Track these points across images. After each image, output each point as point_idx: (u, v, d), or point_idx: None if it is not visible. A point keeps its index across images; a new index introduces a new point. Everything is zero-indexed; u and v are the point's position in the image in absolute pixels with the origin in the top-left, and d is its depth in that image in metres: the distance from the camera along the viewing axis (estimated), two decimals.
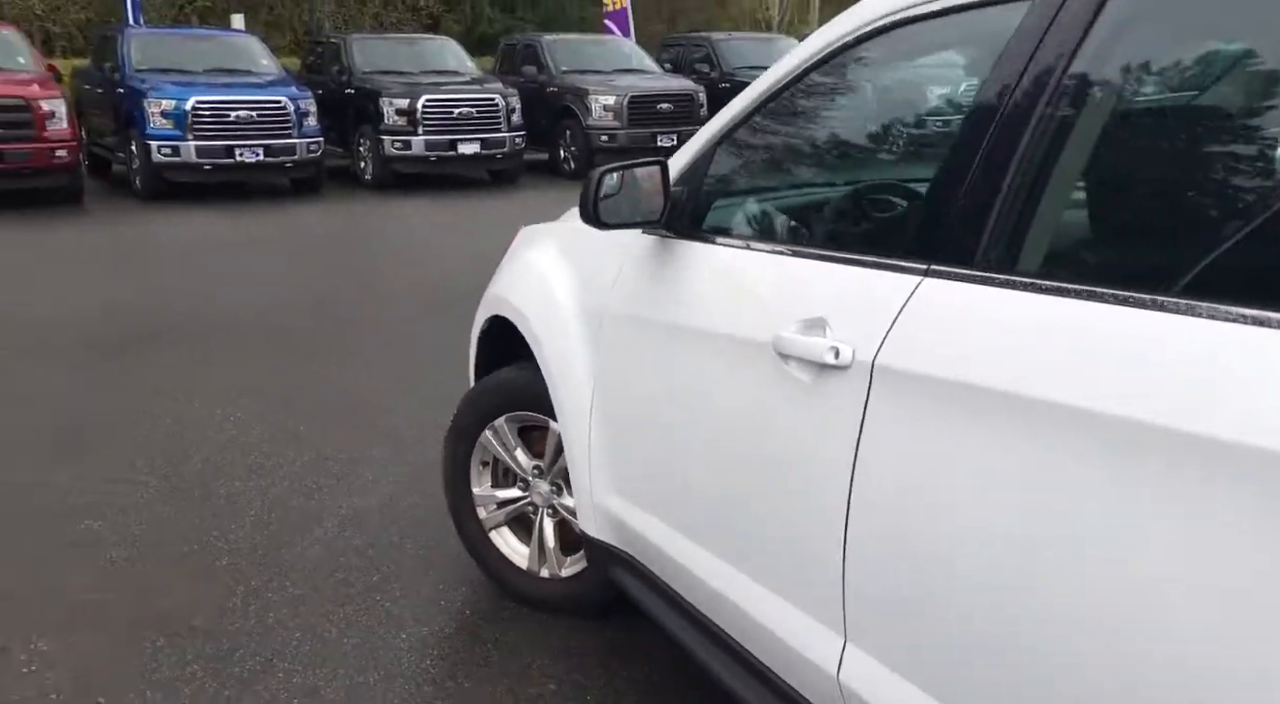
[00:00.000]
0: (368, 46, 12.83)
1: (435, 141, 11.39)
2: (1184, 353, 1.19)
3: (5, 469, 3.77)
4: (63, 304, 6.34)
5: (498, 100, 11.77)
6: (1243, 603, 1.09)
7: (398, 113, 11.29)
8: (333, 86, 12.25)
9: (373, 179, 11.71)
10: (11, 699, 2.42)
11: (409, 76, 12.04)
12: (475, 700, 2.47)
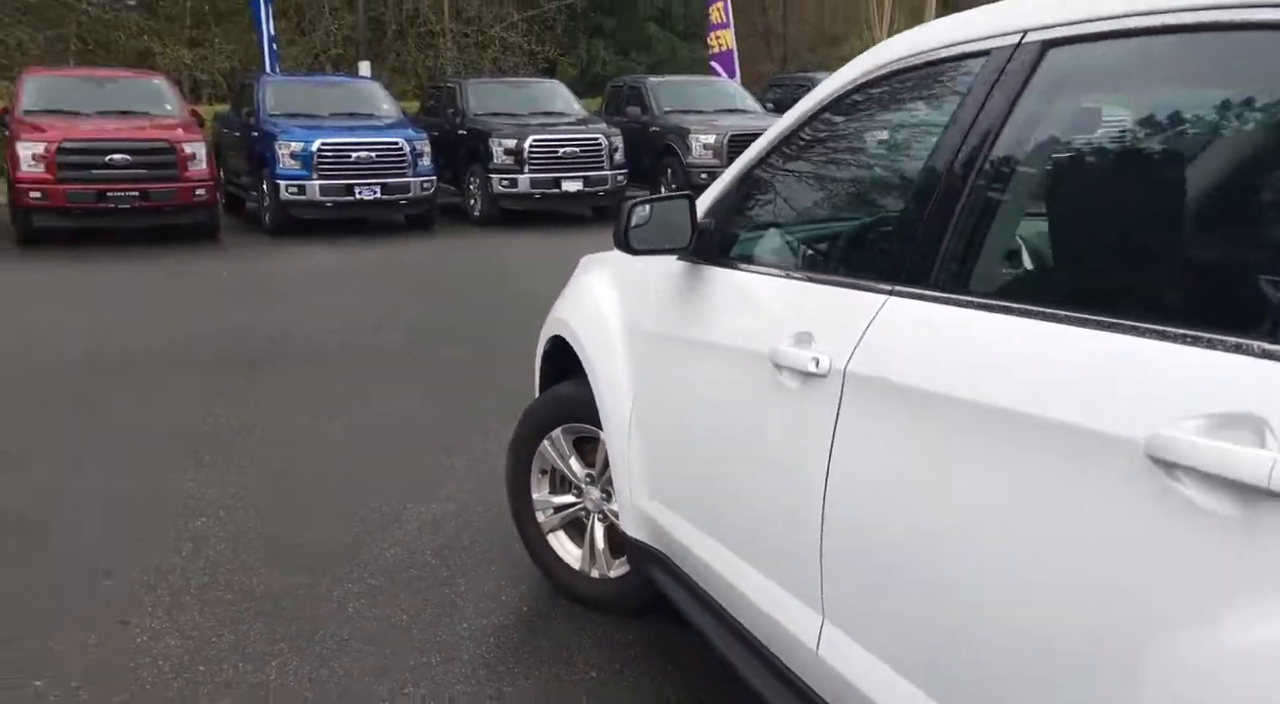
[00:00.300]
0: (481, 89, 13.48)
1: (540, 179, 11.89)
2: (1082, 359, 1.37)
3: (138, 470, 4.22)
4: (196, 328, 6.93)
5: (601, 140, 12.22)
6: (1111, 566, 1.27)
7: (506, 152, 11.83)
8: (447, 128, 12.91)
9: (481, 215, 12.28)
10: (128, 664, 2.78)
11: (518, 118, 12.61)
12: (523, 682, 2.73)
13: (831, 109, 2.16)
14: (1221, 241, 1.41)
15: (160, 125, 10.73)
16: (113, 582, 3.25)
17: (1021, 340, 1.48)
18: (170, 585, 3.23)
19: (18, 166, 9.91)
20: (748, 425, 2.12)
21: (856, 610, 1.79)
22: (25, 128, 10.13)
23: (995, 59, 1.70)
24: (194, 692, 2.65)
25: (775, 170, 2.33)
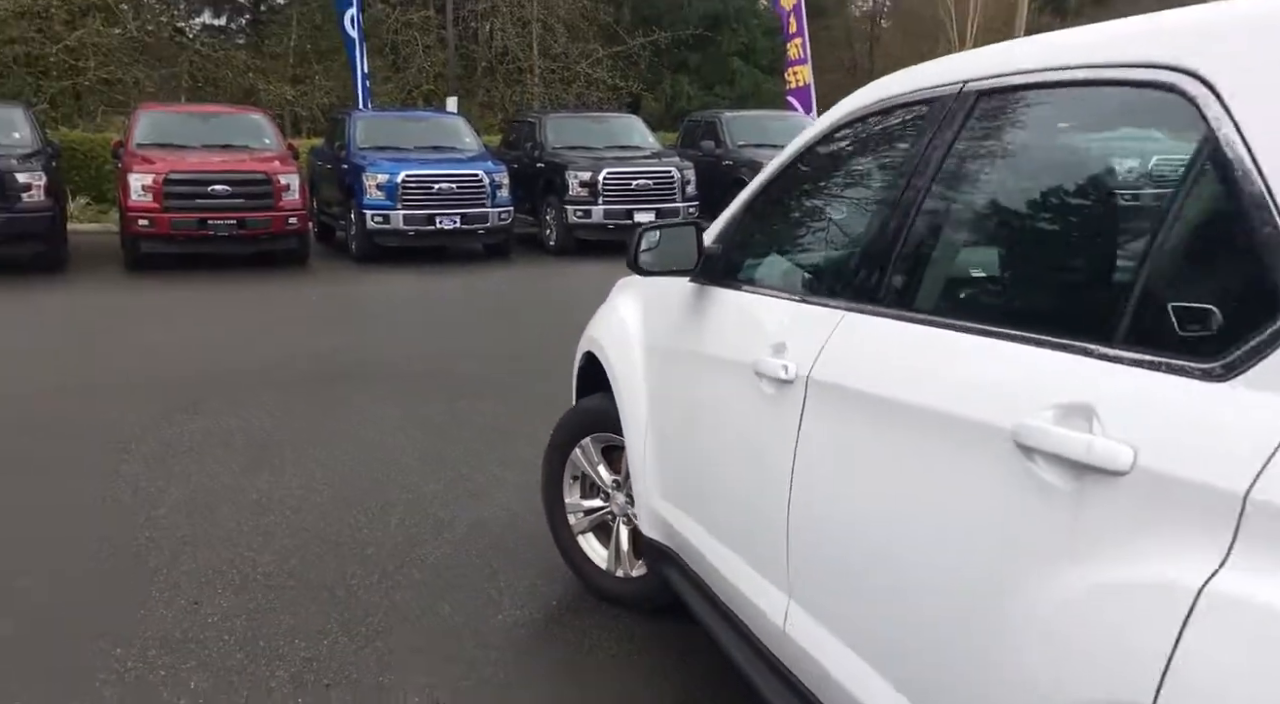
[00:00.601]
0: (559, 124, 13.97)
1: (613, 210, 12.26)
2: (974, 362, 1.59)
3: (218, 472, 4.61)
4: (283, 348, 7.41)
5: (673, 172, 12.56)
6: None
7: (581, 184, 12.25)
8: (526, 161, 13.40)
9: (556, 245, 12.70)
10: (198, 637, 3.12)
11: (594, 151, 13.04)
12: (545, 665, 2.99)
13: (817, 147, 2.41)
14: (1074, 266, 1.64)
15: (258, 158, 11.40)
16: (192, 566, 3.61)
17: (931, 347, 1.71)
18: (240, 572, 3.58)
19: (128, 196, 10.66)
20: (735, 427, 2.36)
21: (812, 588, 2.01)
22: (136, 160, 10.88)
23: (941, 105, 1.93)
24: (253, 662, 2.97)
25: (771, 200, 2.58)
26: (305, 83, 25.58)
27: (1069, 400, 1.38)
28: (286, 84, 25.02)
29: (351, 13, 16.28)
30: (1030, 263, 1.72)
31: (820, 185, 2.53)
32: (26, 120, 11.37)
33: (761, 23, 31.40)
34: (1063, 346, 1.45)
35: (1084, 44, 1.61)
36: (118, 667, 2.94)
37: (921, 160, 1.93)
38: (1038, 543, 1.38)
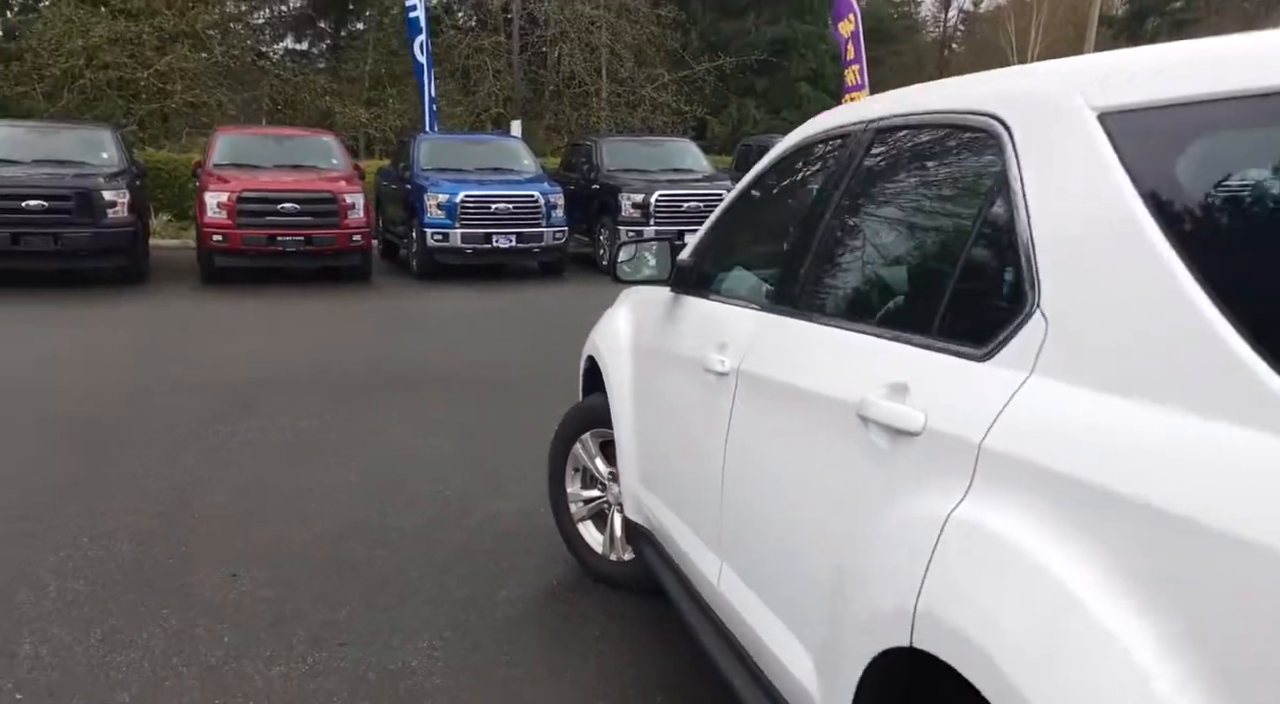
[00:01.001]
0: (615, 147, 14.42)
1: (664, 232, 12.62)
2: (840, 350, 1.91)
3: (266, 464, 5.05)
4: (341, 356, 7.89)
5: (723, 195, 12.85)
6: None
7: (634, 206, 12.64)
8: (583, 182, 13.85)
9: (609, 263, 13.07)
10: (235, 602, 3.51)
11: (648, 174, 13.43)
12: (538, 637, 3.31)
13: (767, 174, 2.74)
14: (911, 272, 1.95)
15: (326, 178, 12.02)
16: (235, 544, 4.02)
17: (815, 341, 2.03)
18: (276, 550, 3.98)
19: (204, 213, 11.33)
20: (689, 416, 2.68)
21: (734, 548, 2.32)
22: (212, 179, 11.56)
23: (853, 138, 2.24)
24: (279, 623, 3.36)
25: (731, 219, 2.91)
26: (379, 106, 26.48)
27: (894, 380, 1.69)
28: (361, 107, 25.91)
29: (421, 39, 16.95)
30: (880, 270, 2.06)
31: (765, 206, 2.85)
32: (114, 141, 12.15)
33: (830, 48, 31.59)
34: (897, 338, 1.79)
35: (943, 94, 1.94)
36: (164, 624, 3.34)
37: (832, 185, 2.24)
38: (870, 493, 1.69)
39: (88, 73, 21.71)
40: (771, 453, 2.11)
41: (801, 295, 2.22)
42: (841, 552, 1.76)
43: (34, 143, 11.82)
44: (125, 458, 5.14)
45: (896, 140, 2.08)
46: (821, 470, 1.88)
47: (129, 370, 7.27)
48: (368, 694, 2.94)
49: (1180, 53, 1.46)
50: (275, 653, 3.17)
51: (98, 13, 22.10)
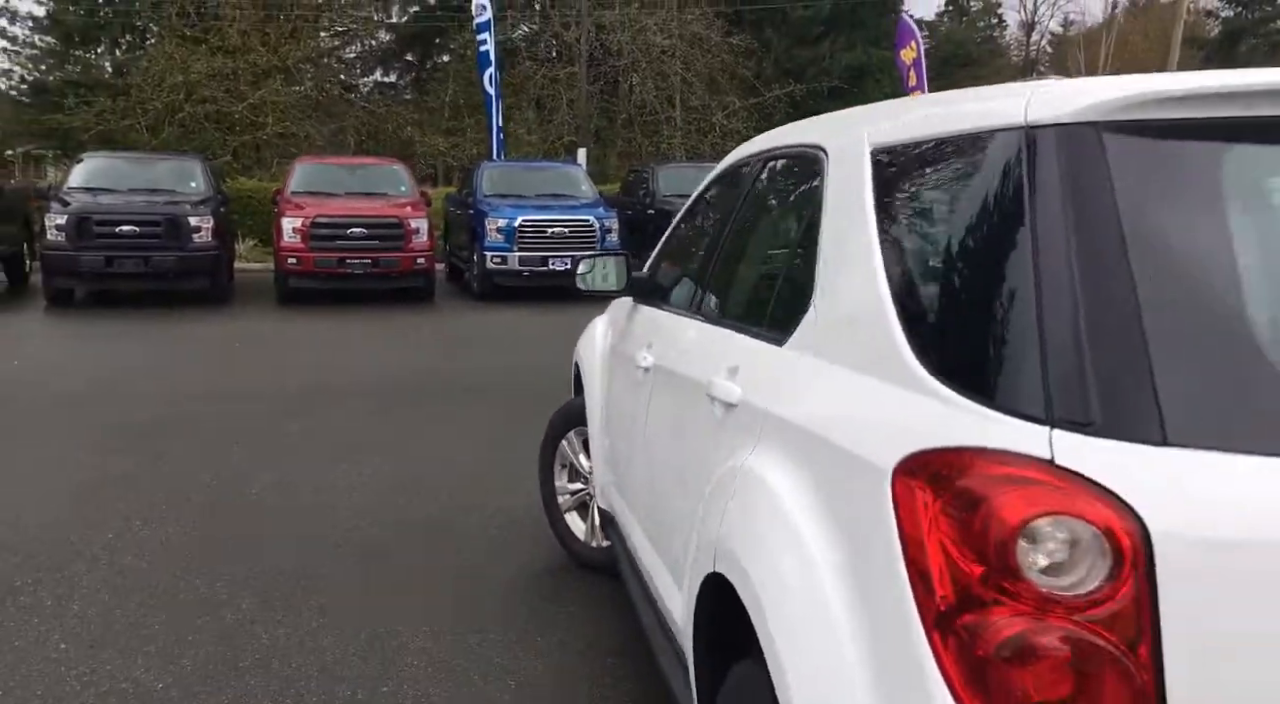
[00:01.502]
0: (670, 173, 14.86)
1: None
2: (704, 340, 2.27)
3: (304, 462, 5.55)
4: (394, 369, 8.44)
5: None
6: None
7: None
8: (639, 207, 14.31)
9: None
10: (257, 576, 3.97)
11: None
12: (520, 610, 3.70)
13: (701, 195, 3.11)
14: (753, 276, 2.29)
15: (393, 204, 12.70)
16: (265, 530, 4.51)
17: (695, 335, 2.40)
18: (301, 535, 4.45)
19: (281, 238, 12.08)
20: (628, 407, 3.06)
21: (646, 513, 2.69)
22: (289, 206, 12.32)
23: (754, 167, 2.61)
24: (293, 594, 3.81)
25: (674, 235, 3.29)
26: (458, 135, 27.42)
27: (731, 364, 2.05)
28: (441, 136, 26.88)
29: (490, 71, 17.70)
30: (742, 275, 2.42)
31: (694, 224, 3.21)
32: (202, 171, 13.03)
33: None
34: (744, 331, 2.16)
35: (799, 129, 2.30)
36: (195, 592, 3.82)
37: (731, 204, 2.61)
38: (712, 455, 2.05)
39: (187, 106, 23.06)
40: (665, 428, 2.48)
41: (697, 299, 2.60)
42: (696, 503, 2.12)
43: (130, 172, 12.75)
44: (182, 454, 5.69)
45: (771, 167, 2.45)
46: (689, 440, 2.24)
47: (198, 380, 7.91)
48: (356, 651, 3.36)
49: (920, 106, 1.81)
50: (285, 617, 3.62)
51: (197, 50, 23.46)
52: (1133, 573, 1.18)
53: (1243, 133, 1.39)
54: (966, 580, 1.25)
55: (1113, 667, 1.18)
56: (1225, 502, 1.20)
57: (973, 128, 1.54)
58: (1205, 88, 1.37)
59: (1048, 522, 1.21)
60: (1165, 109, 1.38)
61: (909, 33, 18.53)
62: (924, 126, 1.68)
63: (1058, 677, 1.19)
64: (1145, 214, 1.33)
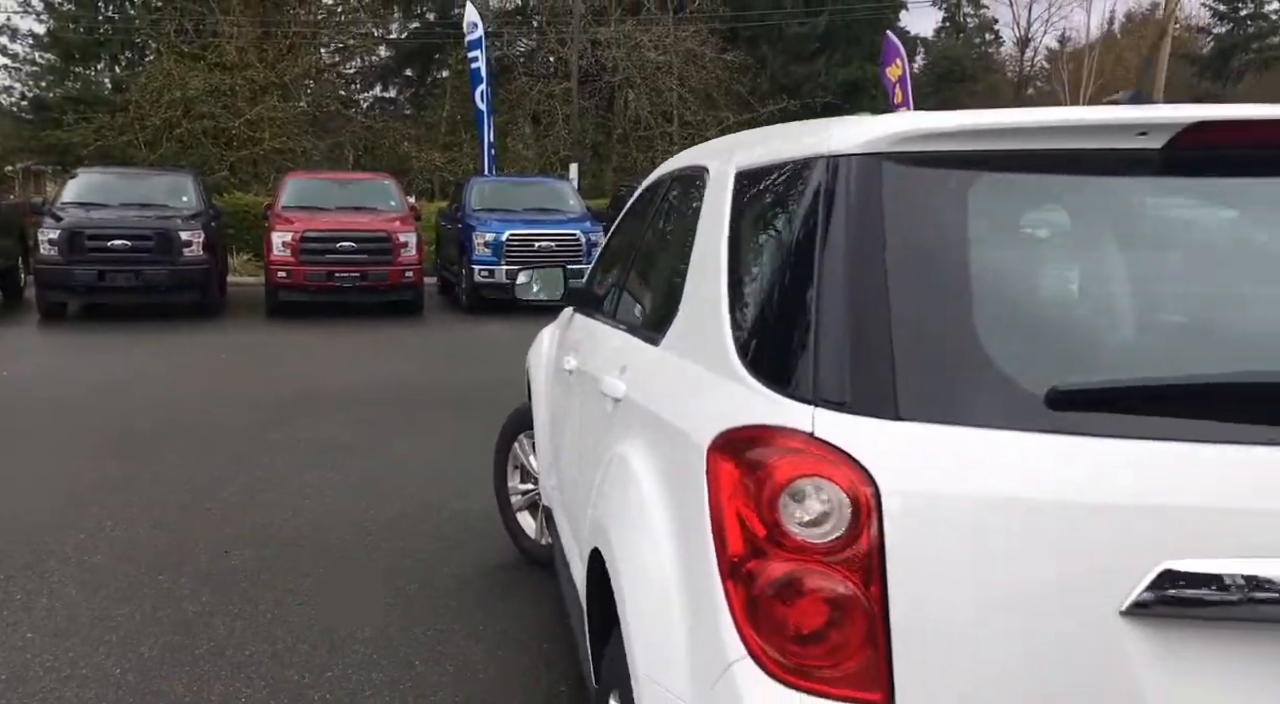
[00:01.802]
0: None
1: None
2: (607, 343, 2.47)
3: (279, 467, 5.74)
4: (374, 379, 8.63)
5: None
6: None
7: None
8: None
9: None
10: (220, 572, 4.15)
11: None
12: (470, 602, 3.88)
13: (631, 207, 3.31)
14: (644, 283, 2.49)
15: (382, 219, 12.92)
16: (233, 529, 4.69)
17: (602, 337, 2.60)
18: (266, 534, 4.63)
19: (271, 251, 12.30)
20: (558, 409, 3.25)
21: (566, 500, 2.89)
22: (279, 220, 12.55)
23: (663, 185, 2.81)
24: (252, 589, 3.99)
25: (607, 247, 3.49)
26: (455, 150, 27.69)
27: (622, 363, 2.25)
28: (437, 151, 27.15)
29: (482, 88, 17.97)
30: (639, 283, 2.62)
31: (617, 238, 3.42)
32: (193, 186, 13.26)
33: None
34: (636, 333, 2.36)
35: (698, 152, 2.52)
36: (158, 587, 4.01)
37: (643, 217, 2.81)
38: (603, 444, 2.25)
39: (185, 122, 23.32)
40: (579, 425, 2.67)
41: (613, 306, 2.80)
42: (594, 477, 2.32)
43: (122, 187, 12.98)
44: (161, 460, 5.88)
45: (672, 186, 2.65)
46: (591, 434, 2.44)
47: (184, 390, 8.11)
48: (308, 640, 3.55)
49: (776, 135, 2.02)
50: (243, 610, 3.80)
51: (195, 66, 23.74)
52: (867, 524, 1.42)
53: (988, 162, 1.63)
54: (750, 534, 1.50)
55: (852, 602, 1.43)
56: (941, 464, 1.44)
57: (798, 156, 1.78)
58: (962, 125, 1.60)
59: (807, 483, 1.46)
60: (929, 142, 1.61)
61: (894, 50, 18.78)
62: (772, 153, 1.89)
63: (813, 610, 1.44)
64: (905, 233, 1.56)
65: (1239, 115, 1.58)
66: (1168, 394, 1.48)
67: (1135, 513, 1.41)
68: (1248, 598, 1.38)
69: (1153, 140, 1.57)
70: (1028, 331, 1.58)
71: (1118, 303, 1.64)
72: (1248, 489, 1.42)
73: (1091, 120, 1.60)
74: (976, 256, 1.58)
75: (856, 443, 1.45)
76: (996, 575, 1.42)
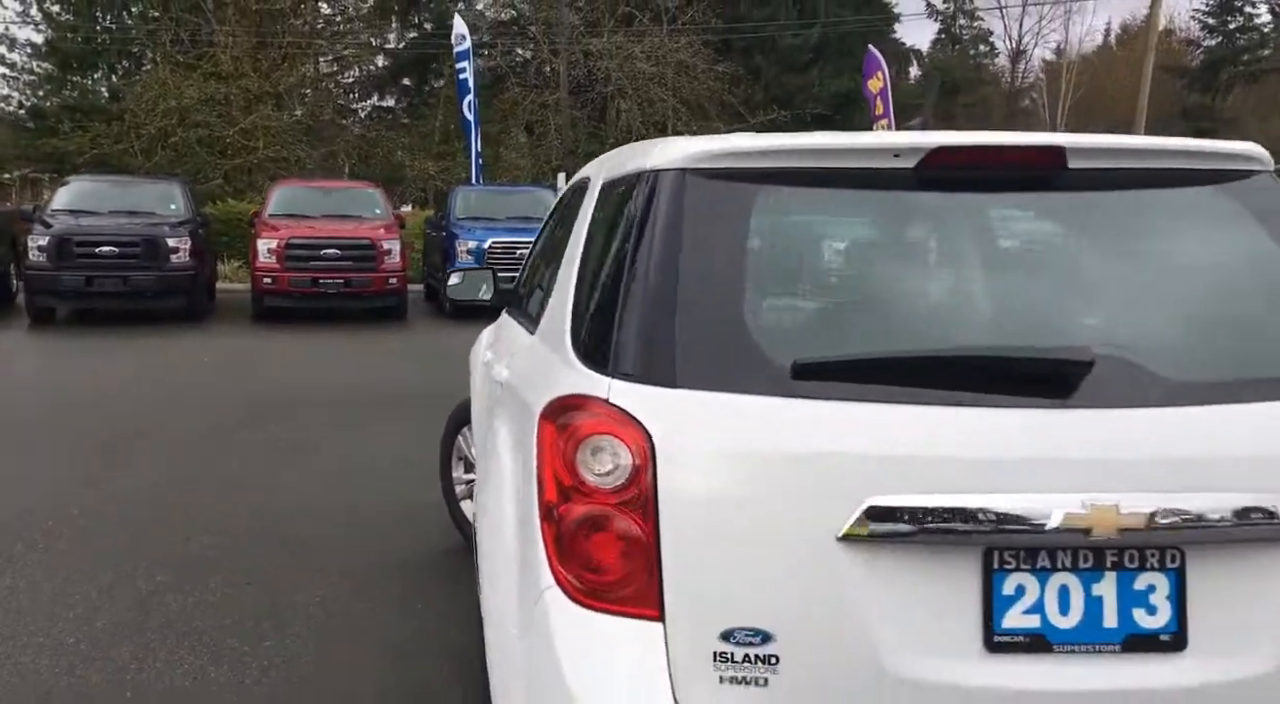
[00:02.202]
0: None
1: None
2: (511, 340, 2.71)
3: (247, 465, 5.98)
4: (350, 381, 8.87)
5: None
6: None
7: None
8: None
9: None
10: (179, 556, 4.39)
11: None
12: (406, 584, 4.12)
13: (551, 213, 3.56)
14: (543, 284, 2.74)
15: (366, 226, 13.18)
16: (198, 520, 4.93)
17: (509, 335, 2.84)
18: (227, 525, 4.87)
19: (257, 258, 12.56)
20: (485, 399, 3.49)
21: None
22: (266, 227, 12.81)
23: (568, 192, 3.06)
24: (205, 571, 4.24)
25: (530, 250, 3.74)
26: (448, 159, 27.96)
27: (512, 352, 2.50)
28: (430, 160, 27.40)
29: (470, 98, 18.26)
30: (533, 281, 2.88)
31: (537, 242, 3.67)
32: (181, 194, 13.52)
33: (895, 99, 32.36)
34: (525, 326, 2.61)
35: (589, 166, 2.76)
36: (117, 569, 4.25)
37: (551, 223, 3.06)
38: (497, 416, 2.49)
39: (179, 131, 23.58)
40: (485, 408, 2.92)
41: (522, 303, 3.05)
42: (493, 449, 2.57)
43: (111, 195, 13.23)
44: (137, 458, 6.13)
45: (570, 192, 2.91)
46: (491, 416, 2.68)
47: (165, 391, 8.36)
48: (253, 616, 3.79)
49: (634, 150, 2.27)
50: (194, 590, 4.04)
51: (191, 76, 24.02)
52: (645, 472, 1.71)
53: (771, 177, 1.95)
54: (560, 483, 1.79)
55: (633, 537, 1.73)
56: (706, 423, 1.74)
57: (633, 170, 2.09)
58: (752, 147, 1.94)
59: (601, 439, 1.76)
60: (725, 161, 1.93)
61: (875, 63, 19.08)
62: (622, 167, 2.19)
63: (603, 544, 1.75)
64: (697, 235, 1.86)
65: (974, 141, 1.94)
66: (880, 366, 1.81)
67: (849, 460, 1.73)
68: (929, 527, 1.71)
69: (905, 161, 1.90)
70: (784, 317, 1.93)
71: (860, 295, 1.97)
72: (933, 440, 1.74)
73: (856, 144, 1.94)
74: (751, 256, 1.90)
75: (640, 406, 1.76)
76: (744, 512, 1.73)
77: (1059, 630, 1.75)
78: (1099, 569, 1.75)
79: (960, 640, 1.74)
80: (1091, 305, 1.99)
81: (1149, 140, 2.07)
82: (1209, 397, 1.80)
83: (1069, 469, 1.73)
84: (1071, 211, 2.06)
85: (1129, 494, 1.71)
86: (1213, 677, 1.75)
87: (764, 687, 1.73)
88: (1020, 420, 1.75)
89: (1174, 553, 1.75)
